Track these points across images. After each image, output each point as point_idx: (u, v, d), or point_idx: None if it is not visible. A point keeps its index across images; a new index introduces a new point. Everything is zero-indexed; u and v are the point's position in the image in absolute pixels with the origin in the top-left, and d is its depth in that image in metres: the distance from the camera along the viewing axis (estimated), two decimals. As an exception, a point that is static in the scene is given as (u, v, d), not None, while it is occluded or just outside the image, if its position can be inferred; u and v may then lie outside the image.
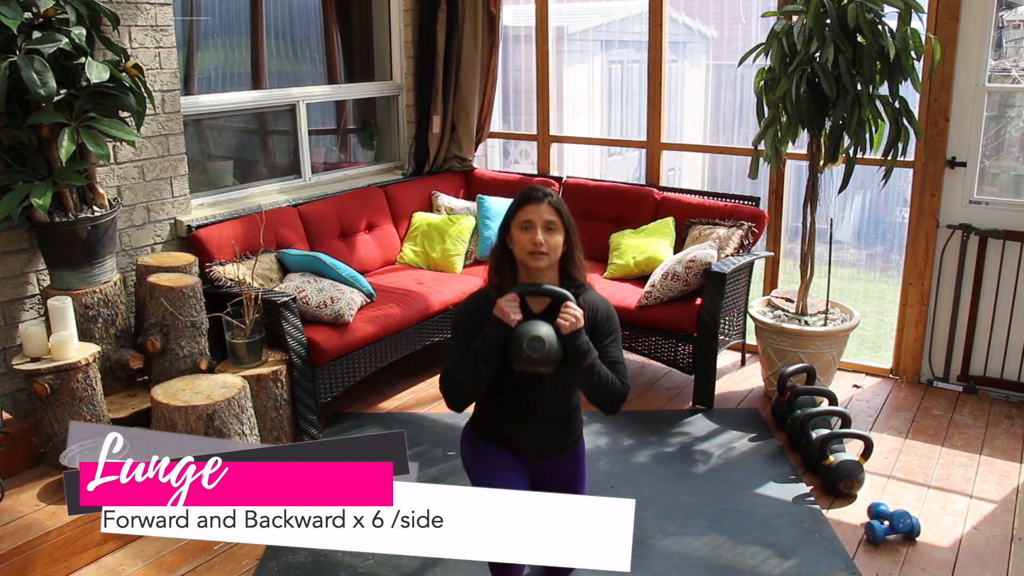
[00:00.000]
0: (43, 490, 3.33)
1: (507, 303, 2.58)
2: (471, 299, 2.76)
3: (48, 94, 3.29)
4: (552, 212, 2.61)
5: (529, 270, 2.65)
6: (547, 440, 2.76)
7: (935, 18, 4.28)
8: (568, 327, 2.56)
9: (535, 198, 2.62)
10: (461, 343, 2.67)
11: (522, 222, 2.61)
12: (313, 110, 5.27)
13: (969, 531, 3.38)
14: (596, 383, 2.61)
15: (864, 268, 5.82)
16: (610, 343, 2.69)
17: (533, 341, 2.51)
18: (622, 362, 2.69)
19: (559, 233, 2.63)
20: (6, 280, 3.73)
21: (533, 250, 2.59)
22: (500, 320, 2.57)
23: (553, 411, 2.75)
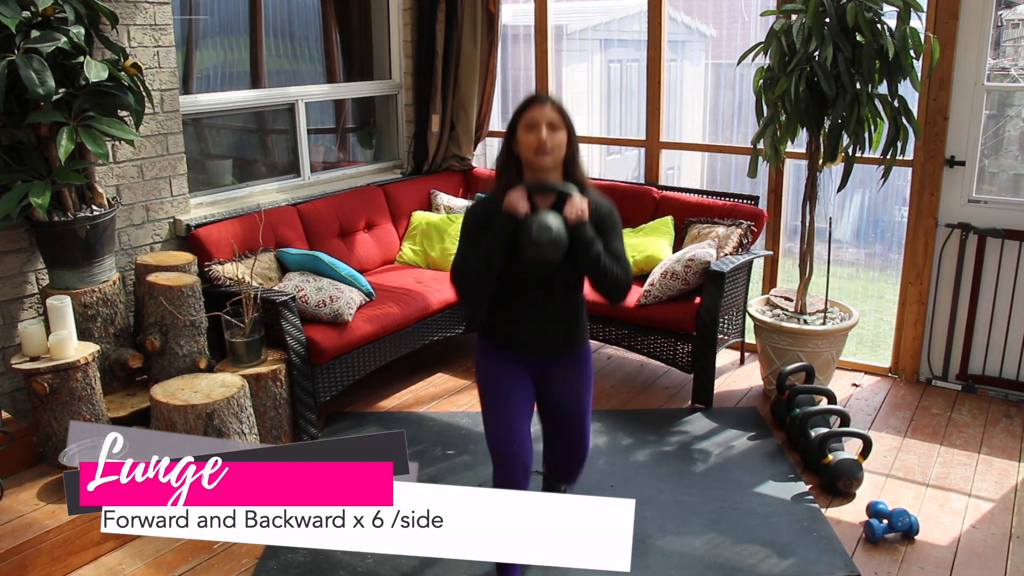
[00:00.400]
0: (42, 489, 3.33)
1: (516, 195, 2.69)
2: (479, 201, 2.90)
3: (47, 93, 3.29)
4: (555, 113, 2.71)
5: (534, 169, 2.74)
6: (553, 337, 2.88)
7: (934, 17, 4.28)
8: (574, 217, 2.66)
9: (539, 100, 2.74)
10: (470, 240, 2.77)
11: (527, 123, 2.71)
12: (312, 109, 5.27)
13: (967, 530, 3.38)
14: (601, 271, 2.72)
15: (863, 267, 5.82)
16: (613, 238, 2.80)
17: (542, 227, 2.60)
18: (624, 256, 2.82)
19: (562, 132, 2.72)
20: (5, 279, 3.73)
21: (538, 148, 2.68)
22: (510, 212, 2.66)
23: (558, 308, 2.86)
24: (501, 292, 2.83)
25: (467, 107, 5.64)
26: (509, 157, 2.80)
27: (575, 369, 2.96)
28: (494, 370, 2.90)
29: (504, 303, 2.86)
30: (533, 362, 2.90)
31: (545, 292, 2.82)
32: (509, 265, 2.73)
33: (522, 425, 2.81)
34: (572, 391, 2.97)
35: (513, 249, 2.69)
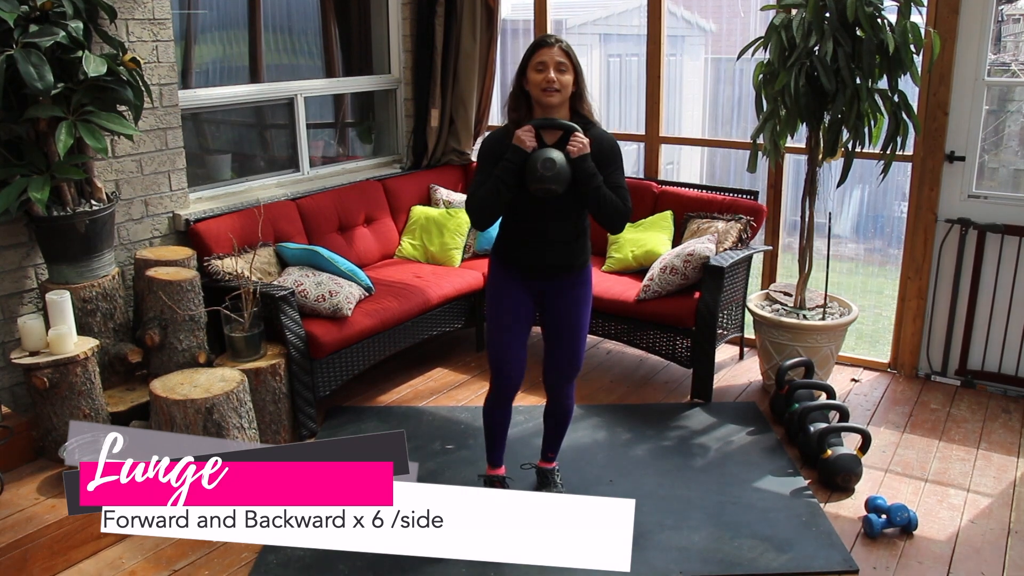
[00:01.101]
0: (42, 484, 3.34)
1: (524, 133, 2.99)
2: (492, 134, 3.19)
3: (45, 88, 3.29)
4: (563, 55, 3.00)
5: (543, 107, 3.03)
6: (557, 259, 3.17)
7: (935, 12, 4.27)
8: (576, 152, 2.98)
9: (547, 43, 3.02)
10: (484, 170, 3.10)
11: (536, 63, 3.00)
12: (311, 104, 5.26)
13: (966, 525, 3.38)
14: (601, 202, 3.02)
15: (862, 262, 5.82)
16: (614, 170, 3.09)
17: (546, 162, 2.92)
18: (624, 187, 3.11)
19: (569, 73, 3.01)
20: (4, 274, 3.73)
21: (546, 87, 2.98)
22: (518, 147, 2.99)
23: (563, 232, 3.14)
24: (511, 217, 3.17)
25: (466, 102, 5.64)
26: (520, 94, 3.09)
27: (575, 289, 3.25)
28: (500, 296, 3.26)
29: (513, 227, 3.18)
30: (537, 281, 3.22)
31: (550, 218, 3.11)
32: (518, 193, 3.04)
33: (518, 348, 3.26)
34: (571, 309, 3.26)
35: (521, 180, 3.00)
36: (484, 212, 3.10)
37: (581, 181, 2.99)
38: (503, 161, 3.01)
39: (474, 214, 3.14)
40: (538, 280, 3.21)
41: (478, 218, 3.13)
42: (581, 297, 3.26)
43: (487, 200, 3.05)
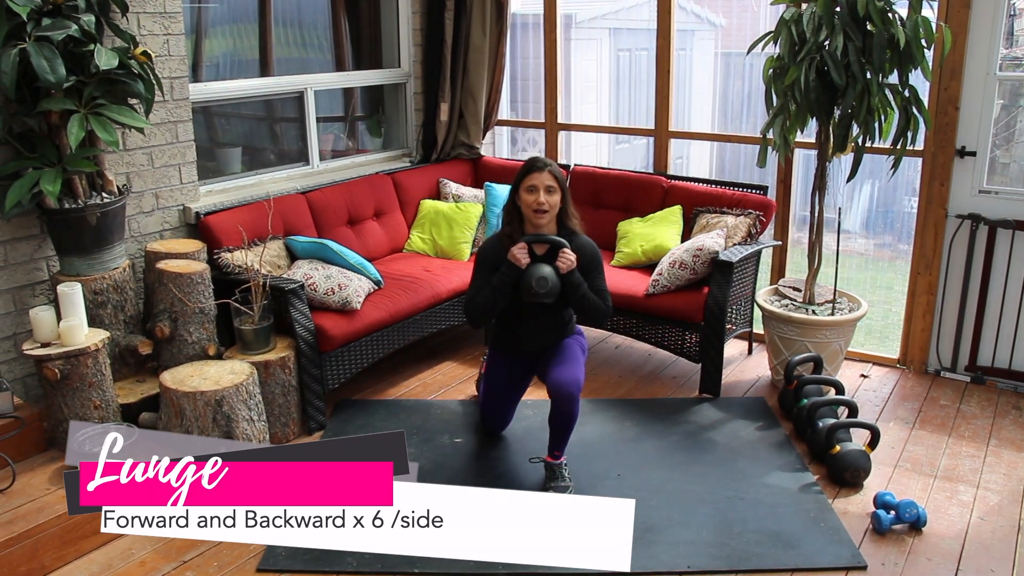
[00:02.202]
0: (53, 474, 3.36)
1: (518, 251, 3.48)
2: (489, 242, 3.68)
3: (57, 81, 3.30)
4: (551, 178, 3.48)
5: (534, 224, 3.52)
6: (549, 339, 3.71)
7: (946, 6, 4.25)
8: (565, 268, 3.47)
9: (538, 167, 3.49)
10: (482, 276, 3.60)
11: (527, 185, 3.49)
12: (321, 97, 5.27)
13: (975, 521, 3.38)
14: (586, 306, 3.56)
15: (872, 257, 5.82)
16: (596, 275, 3.60)
17: (540, 280, 3.42)
18: (606, 290, 3.63)
19: (557, 194, 3.50)
20: (16, 266, 3.75)
21: (537, 208, 3.47)
22: (513, 264, 3.47)
23: (551, 323, 3.68)
24: (506, 314, 3.67)
25: (476, 96, 5.64)
26: (513, 208, 3.59)
27: (564, 344, 3.70)
28: (499, 372, 3.83)
29: (509, 322, 3.71)
30: (532, 355, 3.76)
31: (541, 314, 3.62)
32: (513, 299, 3.54)
33: (509, 412, 3.95)
34: (561, 349, 3.66)
35: (516, 289, 3.50)
36: (482, 316, 3.60)
37: (569, 291, 3.50)
38: (500, 275, 3.50)
39: (472, 316, 3.63)
40: (531, 355, 3.76)
41: (476, 320, 3.64)
42: (570, 344, 3.70)
43: (485, 307, 3.55)
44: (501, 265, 3.52)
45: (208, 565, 3.11)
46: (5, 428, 3.41)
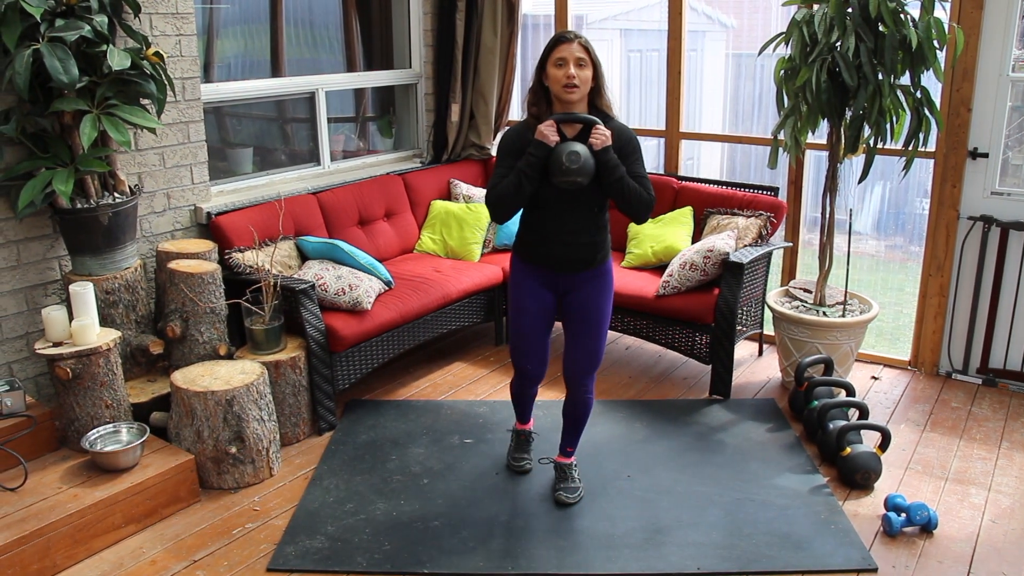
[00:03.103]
0: (65, 472, 3.37)
1: (546, 127, 3.04)
2: (512, 128, 3.21)
3: (70, 81, 3.32)
4: (582, 50, 3.03)
5: (563, 102, 3.07)
6: (579, 253, 3.21)
7: (959, 7, 4.24)
8: (599, 144, 3.02)
9: (567, 38, 3.04)
10: (505, 164, 3.15)
11: (556, 59, 3.04)
12: (332, 98, 5.28)
13: (987, 524, 3.36)
14: (626, 192, 3.07)
15: (883, 259, 5.79)
16: (634, 161, 3.14)
17: (571, 155, 2.96)
18: (646, 177, 3.15)
19: (588, 68, 3.05)
20: (29, 265, 3.76)
21: (567, 83, 3.01)
22: (541, 142, 3.03)
23: (584, 225, 3.18)
24: (532, 212, 3.21)
25: (487, 96, 5.64)
26: (540, 89, 3.14)
27: (596, 283, 3.28)
28: (522, 293, 3.32)
29: (534, 222, 3.22)
30: (558, 276, 3.27)
31: (572, 213, 3.15)
32: (540, 188, 3.09)
33: (540, 346, 3.39)
34: (591, 302, 3.28)
35: (544, 174, 3.05)
36: (504, 205, 3.12)
37: (604, 173, 3.04)
38: (526, 155, 3.05)
39: (494, 207, 3.15)
40: (559, 275, 3.26)
41: (498, 211, 3.15)
42: (601, 291, 3.29)
43: (508, 193, 3.08)
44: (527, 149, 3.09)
45: (218, 564, 3.12)
46: (17, 427, 3.42)
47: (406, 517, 3.39)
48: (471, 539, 3.25)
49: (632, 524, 3.33)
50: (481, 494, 3.54)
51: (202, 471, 3.58)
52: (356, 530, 3.31)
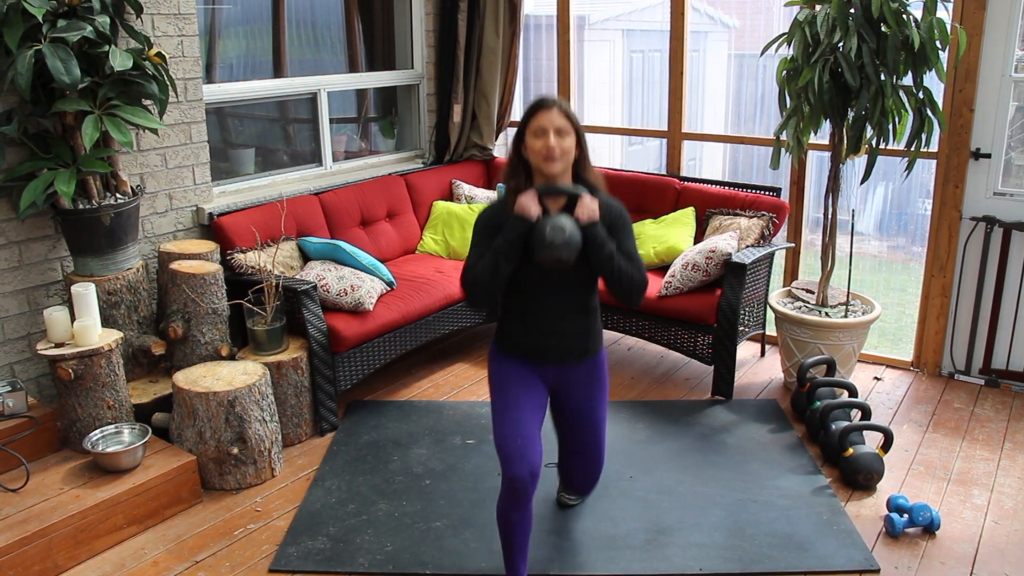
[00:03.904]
0: (67, 473, 3.37)
1: (527, 199, 2.69)
2: (489, 207, 2.85)
3: (72, 82, 3.32)
4: (563, 117, 2.69)
5: (544, 175, 2.73)
6: (568, 343, 2.87)
7: (961, 7, 4.23)
8: (586, 217, 2.67)
9: (545, 105, 2.70)
10: (482, 244, 2.77)
11: (535, 129, 2.69)
12: (334, 98, 5.28)
13: (990, 525, 3.36)
14: (616, 272, 2.72)
15: (886, 259, 5.79)
16: (625, 238, 2.80)
17: (555, 228, 2.61)
18: (637, 256, 2.80)
19: (570, 137, 2.70)
20: (31, 266, 3.77)
21: (547, 154, 2.67)
22: (521, 215, 2.67)
23: (572, 311, 2.84)
24: (512, 297, 2.85)
25: (489, 97, 5.64)
26: (519, 162, 2.79)
27: (590, 378, 2.96)
28: (506, 377, 2.89)
29: (516, 309, 2.86)
30: (548, 370, 2.90)
31: (559, 297, 2.82)
32: (521, 269, 2.73)
33: (531, 429, 2.79)
34: (587, 403, 2.97)
35: (525, 253, 2.70)
36: (481, 289, 2.73)
37: (593, 249, 2.69)
38: (504, 230, 2.69)
39: (470, 291, 2.76)
40: (549, 370, 2.90)
41: (475, 295, 2.76)
42: (597, 391, 2.99)
43: (485, 276, 2.70)
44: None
45: (220, 565, 3.12)
46: (19, 428, 3.42)
47: (408, 518, 3.39)
48: (473, 540, 3.24)
49: (634, 525, 3.33)
50: (483, 495, 3.54)
51: (204, 472, 3.58)
52: (358, 531, 3.31)
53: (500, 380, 2.90)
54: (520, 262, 2.71)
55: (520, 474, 2.69)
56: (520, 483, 2.70)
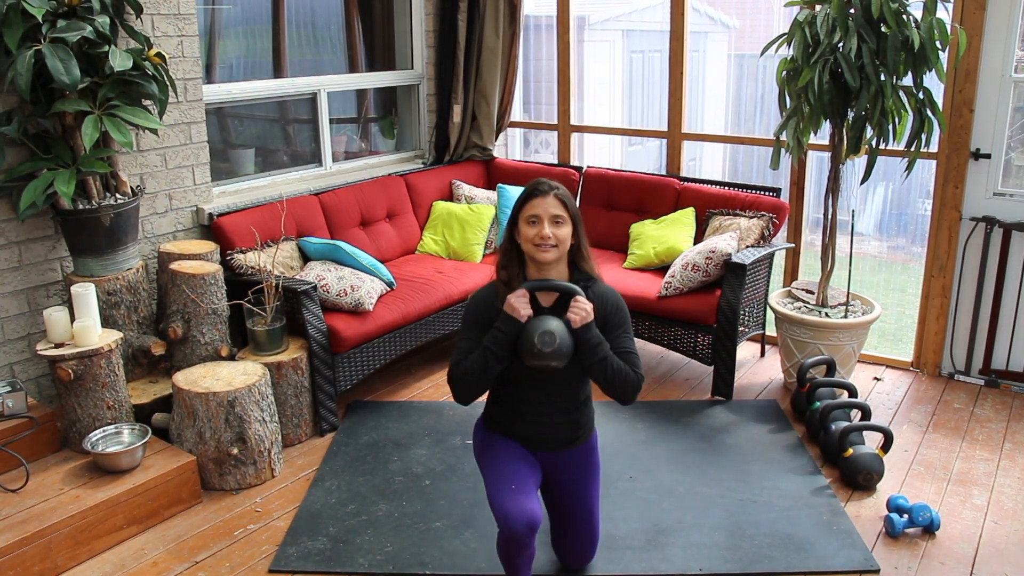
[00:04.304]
0: (67, 474, 3.37)
1: (517, 299, 2.61)
2: (479, 293, 2.78)
3: (72, 82, 3.32)
4: (558, 205, 2.62)
5: (538, 264, 2.66)
6: (557, 433, 2.81)
7: (961, 8, 4.23)
8: (579, 321, 2.59)
9: (540, 191, 2.64)
10: (470, 336, 2.71)
11: (529, 216, 2.63)
12: (334, 99, 5.28)
13: (990, 525, 3.35)
14: (610, 375, 2.64)
15: (886, 260, 5.79)
16: (621, 334, 2.72)
17: (544, 336, 2.54)
18: (634, 352, 2.72)
19: (566, 226, 2.64)
20: (31, 266, 3.76)
21: (541, 243, 2.60)
22: (510, 316, 2.60)
23: (563, 403, 2.78)
24: (502, 388, 2.80)
25: (489, 97, 5.64)
26: (511, 248, 2.72)
27: (581, 463, 2.88)
28: (495, 447, 2.82)
29: (506, 399, 2.81)
30: (538, 455, 2.84)
31: (549, 391, 2.76)
32: (511, 365, 2.67)
33: (526, 483, 2.68)
34: (579, 485, 2.89)
35: (514, 352, 2.64)
36: (469, 387, 2.68)
37: (585, 353, 2.62)
38: (493, 331, 2.63)
39: (457, 388, 2.70)
40: (536, 453, 2.83)
41: (462, 392, 2.70)
42: (588, 474, 2.90)
43: (474, 374, 2.65)
44: (495, 321, 2.67)
45: (220, 566, 3.12)
46: (19, 428, 3.42)
47: (408, 518, 3.39)
48: (473, 540, 3.24)
49: (634, 525, 3.33)
50: (483, 495, 3.53)
51: (204, 472, 3.58)
52: (358, 531, 3.30)
53: (489, 445, 2.84)
54: (510, 361, 2.66)
55: (519, 529, 2.54)
56: (519, 538, 2.57)
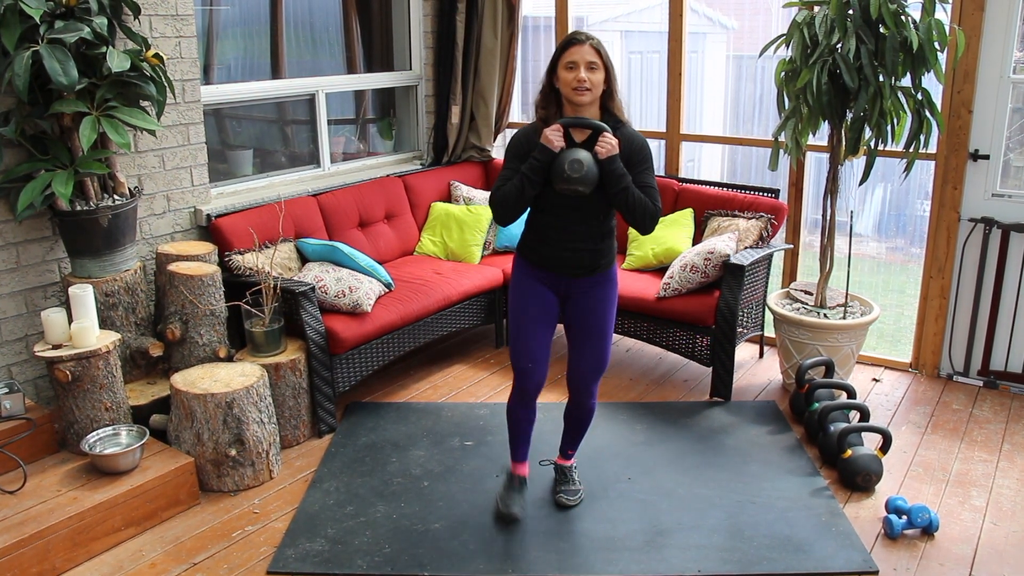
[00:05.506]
0: (64, 475, 3.36)
1: (552, 132, 2.98)
2: (521, 131, 3.15)
3: (70, 83, 3.31)
4: (594, 53, 2.95)
5: (573, 105, 3.01)
6: (581, 260, 3.15)
7: (959, 9, 4.23)
8: (604, 153, 2.96)
9: (578, 40, 2.97)
10: (511, 166, 3.10)
11: (567, 62, 2.97)
12: (332, 100, 5.27)
13: (988, 527, 3.35)
14: (630, 203, 3.01)
15: (884, 261, 5.79)
16: (643, 171, 3.08)
17: (574, 163, 2.92)
18: (654, 187, 3.09)
19: (600, 71, 2.98)
20: (28, 268, 3.76)
21: (577, 86, 2.95)
22: (546, 146, 2.98)
23: (588, 232, 3.12)
24: (536, 214, 3.16)
25: (487, 98, 5.64)
26: (550, 91, 3.07)
27: (599, 291, 3.22)
28: (523, 293, 3.23)
29: (538, 224, 3.16)
30: (560, 279, 3.19)
31: (576, 219, 3.09)
32: (544, 192, 3.04)
33: (540, 346, 3.22)
34: (595, 309, 3.22)
35: (547, 179, 3.00)
36: (507, 208, 3.08)
37: (609, 183, 2.98)
38: (530, 159, 3.00)
39: (497, 209, 3.10)
40: (562, 279, 3.19)
41: (501, 213, 3.10)
42: (606, 297, 3.23)
43: (511, 197, 3.04)
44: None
45: (218, 567, 3.12)
46: (16, 430, 3.42)
47: (406, 520, 3.39)
48: (471, 542, 3.24)
49: (633, 526, 3.33)
50: (481, 497, 3.54)
51: (202, 474, 3.58)
52: (356, 533, 3.30)
53: (518, 296, 3.25)
54: (543, 186, 3.02)
55: (527, 387, 3.24)
56: (529, 387, 3.25)
